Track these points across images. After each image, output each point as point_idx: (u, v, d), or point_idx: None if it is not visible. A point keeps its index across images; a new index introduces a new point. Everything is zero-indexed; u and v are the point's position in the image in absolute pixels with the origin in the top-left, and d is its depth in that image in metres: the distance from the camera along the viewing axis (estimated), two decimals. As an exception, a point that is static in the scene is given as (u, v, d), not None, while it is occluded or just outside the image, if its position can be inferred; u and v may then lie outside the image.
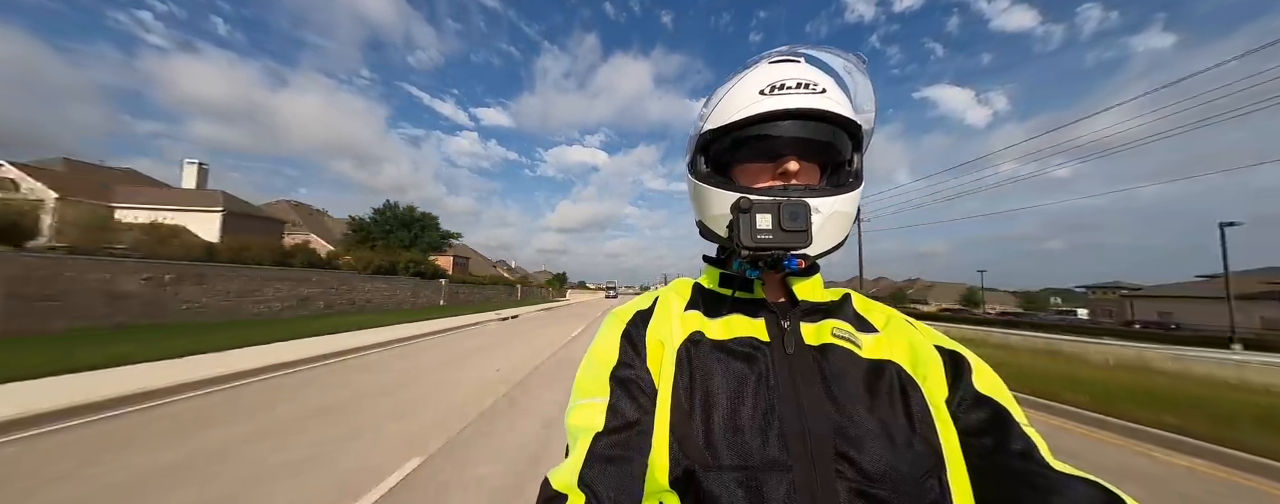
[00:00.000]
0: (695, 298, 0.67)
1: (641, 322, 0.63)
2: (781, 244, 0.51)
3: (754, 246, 0.52)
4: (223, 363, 6.56)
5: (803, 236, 0.51)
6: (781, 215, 0.51)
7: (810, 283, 0.64)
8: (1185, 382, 7.51)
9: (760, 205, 0.52)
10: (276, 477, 3.11)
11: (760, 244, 0.51)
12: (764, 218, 0.52)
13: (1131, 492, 0.44)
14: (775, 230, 0.51)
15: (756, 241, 0.51)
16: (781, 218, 0.51)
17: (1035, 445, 0.49)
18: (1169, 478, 3.74)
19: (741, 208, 0.52)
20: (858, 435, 0.50)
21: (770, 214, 0.52)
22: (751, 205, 0.52)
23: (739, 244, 0.52)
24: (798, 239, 0.51)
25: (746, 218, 0.52)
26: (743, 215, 0.52)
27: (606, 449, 0.50)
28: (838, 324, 0.59)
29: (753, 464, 0.49)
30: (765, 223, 0.51)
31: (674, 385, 0.55)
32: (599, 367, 0.58)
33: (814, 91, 0.57)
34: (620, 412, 0.53)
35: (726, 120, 0.59)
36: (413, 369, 7.42)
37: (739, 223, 0.52)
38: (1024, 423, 0.51)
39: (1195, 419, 4.72)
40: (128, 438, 3.81)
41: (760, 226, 0.51)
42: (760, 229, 0.51)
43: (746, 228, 0.52)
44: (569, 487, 0.48)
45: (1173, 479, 3.71)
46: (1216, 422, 4.63)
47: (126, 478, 3.03)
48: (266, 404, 4.96)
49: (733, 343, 0.58)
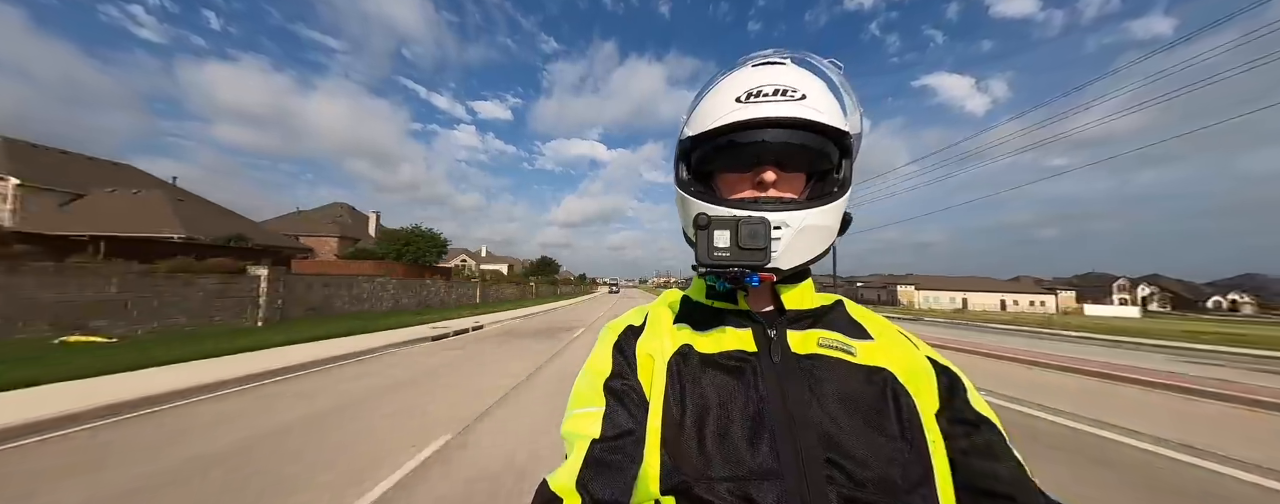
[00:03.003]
0: (683, 310, 0.67)
1: (633, 335, 0.64)
2: (737, 262, 0.51)
3: (711, 264, 0.51)
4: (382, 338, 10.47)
5: (760, 255, 0.51)
6: (739, 233, 0.51)
7: (799, 290, 0.63)
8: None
9: (719, 222, 0.52)
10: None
11: (717, 261, 0.51)
12: (722, 235, 0.51)
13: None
14: (732, 248, 0.51)
15: (713, 259, 0.51)
16: (739, 236, 0.51)
17: (1023, 470, 0.50)
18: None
19: (700, 224, 0.52)
20: (847, 443, 0.49)
21: (728, 231, 0.51)
22: (709, 222, 0.52)
23: (698, 261, 0.53)
24: (755, 257, 0.51)
25: (705, 235, 0.52)
26: (701, 232, 0.52)
27: (603, 455, 0.51)
28: (826, 333, 0.59)
29: (743, 473, 0.49)
30: (723, 241, 0.51)
31: (665, 397, 0.56)
32: (594, 377, 0.60)
33: (792, 98, 0.55)
34: (615, 421, 0.54)
35: (703, 128, 0.58)
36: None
37: (698, 240, 0.52)
38: (1012, 446, 0.52)
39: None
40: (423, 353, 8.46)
41: (717, 244, 0.51)
42: (717, 247, 0.51)
43: (705, 245, 0.52)
44: (567, 490, 0.48)
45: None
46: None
47: (424, 369, 7.19)
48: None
49: (720, 356, 0.58)
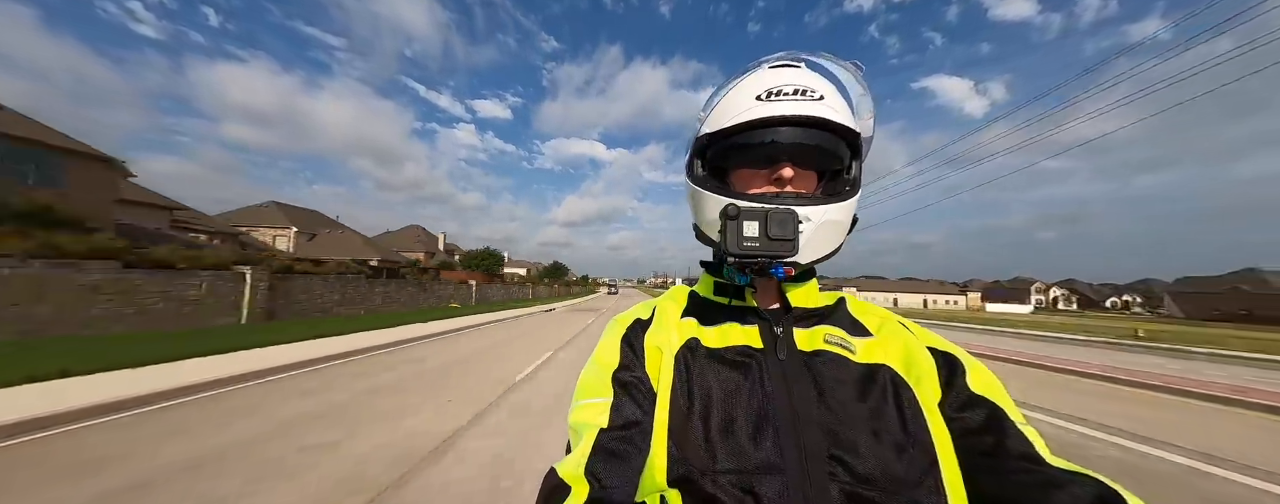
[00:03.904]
0: (691, 305, 0.69)
1: (641, 329, 0.66)
2: (766, 252, 0.52)
3: (740, 253, 0.53)
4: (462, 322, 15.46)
5: (789, 245, 0.52)
6: (769, 224, 0.52)
7: (805, 288, 0.65)
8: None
9: (748, 213, 0.53)
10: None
11: (746, 251, 0.53)
12: (751, 226, 0.53)
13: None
14: (761, 238, 0.52)
15: (742, 249, 0.53)
16: (769, 226, 0.52)
17: (1032, 442, 0.50)
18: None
19: (729, 215, 0.53)
20: (850, 438, 0.50)
21: (757, 222, 0.52)
22: (739, 212, 0.53)
23: (725, 251, 0.54)
24: (784, 248, 0.52)
25: (734, 225, 0.53)
26: (730, 222, 0.53)
27: (611, 444, 0.52)
28: (830, 330, 0.61)
29: (747, 467, 0.50)
30: (752, 231, 0.52)
31: (672, 390, 0.57)
32: (602, 369, 0.61)
33: (811, 98, 0.57)
34: (622, 411, 0.55)
35: (722, 125, 0.60)
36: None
37: (727, 229, 0.53)
38: (1020, 421, 0.52)
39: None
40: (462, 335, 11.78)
41: (747, 234, 0.52)
42: (747, 237, 0.52)
43: (733, 235, 0.53)
44: (575, 477, 0.49)
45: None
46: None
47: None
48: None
49: (727, 351, 0.59)
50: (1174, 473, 3.67)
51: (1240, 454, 4.11)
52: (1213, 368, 9.54)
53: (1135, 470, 3.70)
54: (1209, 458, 3.99)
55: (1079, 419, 5.16)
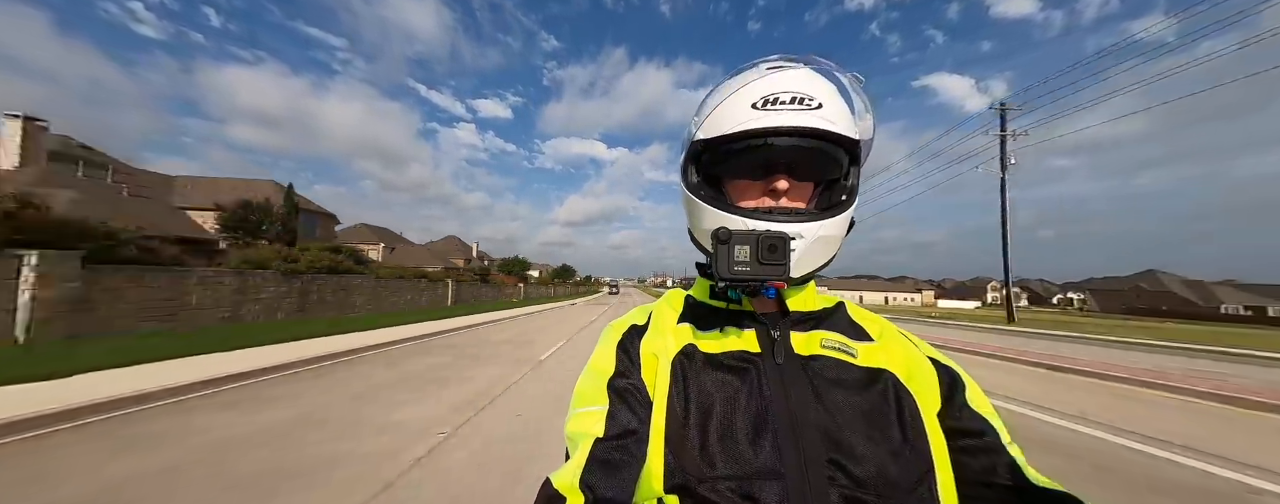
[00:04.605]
0: (687, 310, 0.68)
1: (636, 335, 0.65)
2: (757, 276, 0.52)
3: (731, 278, 0.52)
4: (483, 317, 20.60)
5: (780, 269, 0.52)
6: (760, 248, 0.52)
7: (803, 293, 0.64)
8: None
9: (739, 237, 0.53)
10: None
11: (737, 276, 0.52)
12: (742, 250, 0.52)
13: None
14: (753, 262, 0.52)
15: (733, 273, 0.52)
16: (760, 251, 0.52)
17: (1017, 461, 0.51)
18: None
19: (721, 238, 0.53)
20: (849, 442, 0.50)
21: (749, 247, 0.52)
22: (730, 237, 0.53)
23: (717, 275, 0.53)
24: (775, 271, 0.52)
25: (725, 249, 0.52)
26: (721, 246, 0.53)
27: (606, 454, 0.51)
28: (828, 334, 0.61)
29: (746, 472, 0.50)
30: (743, 256, 0.52)
31: (668, 397, 0.56)
32: (597, 377, 0.60)
33: (809, 107, 0.56)
34: (618, 420, 0.55)
35: (717, 133, 0.59)
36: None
37: (718, 254, 0.53)
38: (1008, 441, 0.53)
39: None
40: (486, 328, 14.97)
41: (738, 258, 0.52)
42: (738, 261, 0.52)
43: (724, 259, 0.52)
44: (570, 488, 0.48)
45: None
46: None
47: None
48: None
49: (724, 356, 0.59)
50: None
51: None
52: (1038, 343, 12.54)
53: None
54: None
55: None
